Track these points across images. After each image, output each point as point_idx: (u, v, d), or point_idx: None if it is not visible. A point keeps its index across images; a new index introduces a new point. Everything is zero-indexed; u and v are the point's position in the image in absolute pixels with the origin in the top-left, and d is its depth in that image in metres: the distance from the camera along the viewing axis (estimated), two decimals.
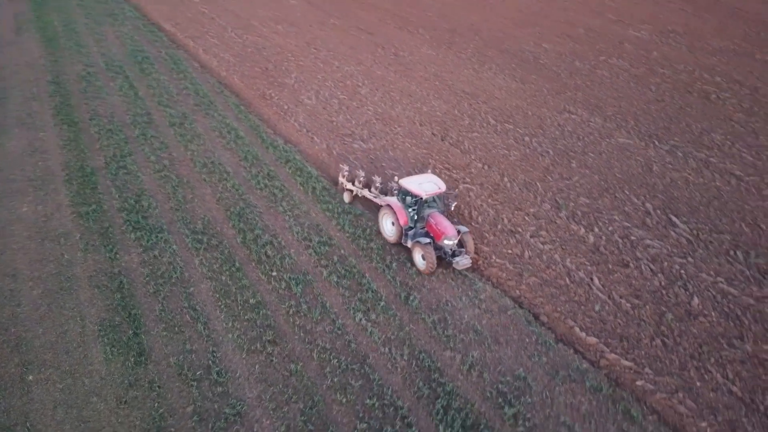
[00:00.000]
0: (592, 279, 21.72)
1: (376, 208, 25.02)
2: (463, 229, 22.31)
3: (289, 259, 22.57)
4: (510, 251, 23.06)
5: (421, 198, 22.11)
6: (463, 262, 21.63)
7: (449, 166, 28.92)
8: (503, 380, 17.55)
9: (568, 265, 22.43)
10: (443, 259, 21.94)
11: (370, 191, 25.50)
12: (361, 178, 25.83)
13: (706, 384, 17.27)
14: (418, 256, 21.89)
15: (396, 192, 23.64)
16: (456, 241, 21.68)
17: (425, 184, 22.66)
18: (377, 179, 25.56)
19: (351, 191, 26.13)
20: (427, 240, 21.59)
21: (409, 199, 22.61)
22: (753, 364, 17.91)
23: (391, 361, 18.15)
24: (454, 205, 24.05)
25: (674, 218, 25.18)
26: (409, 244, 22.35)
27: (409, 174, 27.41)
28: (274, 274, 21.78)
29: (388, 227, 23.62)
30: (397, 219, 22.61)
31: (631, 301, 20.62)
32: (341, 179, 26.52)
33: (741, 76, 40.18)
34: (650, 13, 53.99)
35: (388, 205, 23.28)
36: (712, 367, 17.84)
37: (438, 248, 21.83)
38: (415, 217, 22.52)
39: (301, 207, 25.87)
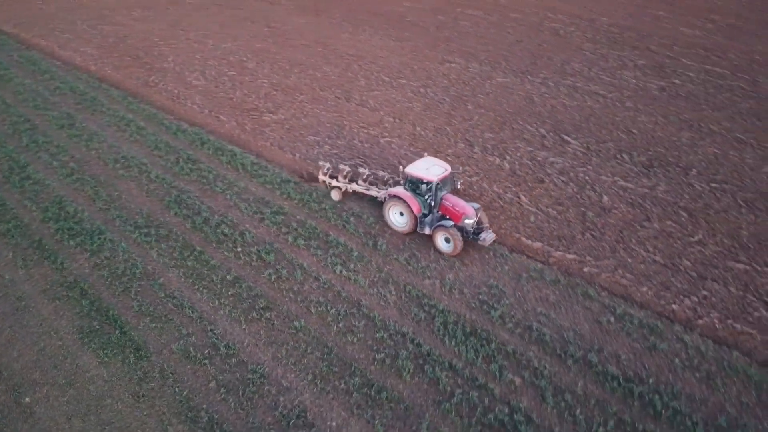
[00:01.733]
0: (519, 197, 24.94)
1: (370, 200, 24.60)
2: (476, 205, 22.08)
3: (248, 234, 23.05)
4: None
5: (433, 182, 21.64)
6: (489, 237, 21.61)
7: (365, 124, 30.58)
8: (480, 292, 20.11)
9: (496, 190, 25.46)
10: (465, 238, 21.67)
11: (358, 184, 24.59)
12: (346, 172, 24.77)
13: (635, 259, 21.23)
14: (441, 240, 21.62)
15: (403, 182, 22.72)
16: (476, 220, 21.70)
17: (432, 168, 22.15)
18: (365, 171, 24.75)
19: (339, 188, 24.81)
20: (450, 222, 21.43)
21: (423, 187, 21.91)
22: (664, 237, 22.25)
23: (383, 298, 19.88)
24: (460, 182, 24.11)
25: (565, 137, 29.27)
26: (428, 231, 21.88)
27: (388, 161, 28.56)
28: (239, 249, 22.24)
29: (397, 218, 22.76)
30: (410, 208, 21.97)
31: (556, 209, 24.15)
32: (322, 177, 25.13)
33: (579, 11, 46.06)
34: None
35: (395, 196, 22.31)
36: (635, 246, 21.87)
37: (459, 229, 21.52)
38: (432, 203, 21.96)
39: (238, 184, 26.12)
